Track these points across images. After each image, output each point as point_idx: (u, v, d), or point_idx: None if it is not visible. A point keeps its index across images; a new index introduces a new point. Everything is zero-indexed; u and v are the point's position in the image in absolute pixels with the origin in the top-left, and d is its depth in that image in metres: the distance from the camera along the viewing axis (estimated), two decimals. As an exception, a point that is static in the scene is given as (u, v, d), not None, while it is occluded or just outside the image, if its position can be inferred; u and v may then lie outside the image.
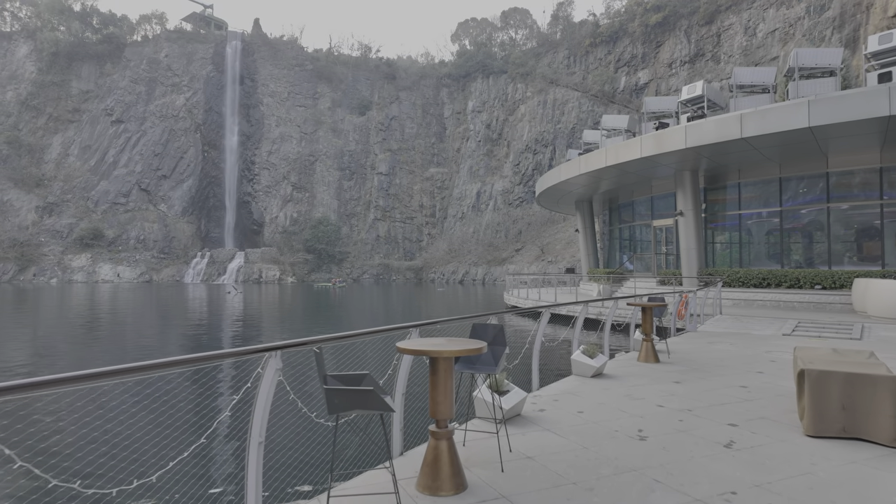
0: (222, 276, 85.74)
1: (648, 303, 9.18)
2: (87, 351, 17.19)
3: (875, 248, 18.47)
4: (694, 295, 13.66)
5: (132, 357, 15.20)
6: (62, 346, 18.02)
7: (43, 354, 16.20)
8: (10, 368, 13.72)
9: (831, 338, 12.34)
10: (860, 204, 18.90)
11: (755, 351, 10.24)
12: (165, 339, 20.38)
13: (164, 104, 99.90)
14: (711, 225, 23.26)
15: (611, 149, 22.06)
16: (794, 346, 8.33)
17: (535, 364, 6.73)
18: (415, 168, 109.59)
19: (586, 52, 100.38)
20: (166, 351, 17.37)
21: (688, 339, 11.94)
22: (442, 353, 3.53)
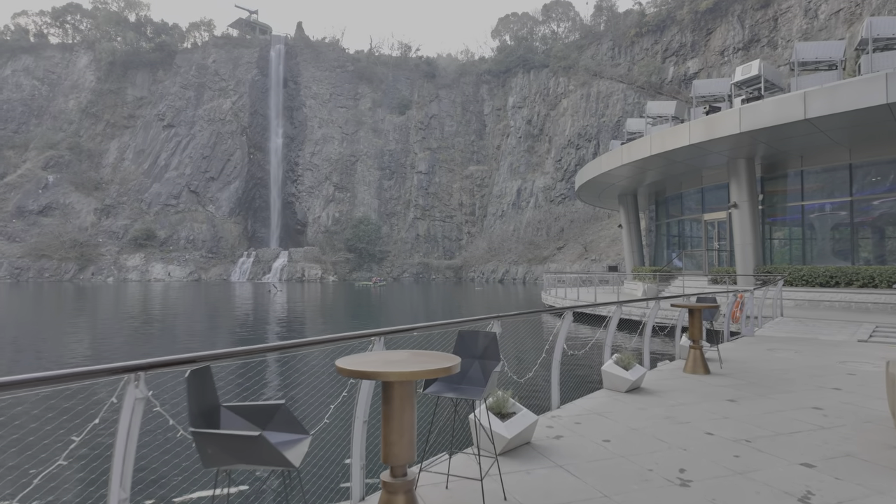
0: (267, 274, 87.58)
1: (697, 304, 7.88)
2: (148, 343, 17.18)
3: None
4: (751, 294, 12.10)
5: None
6: (121, 340, 18.13)
7: (103, 347, 16.25)
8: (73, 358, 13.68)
9: (919, 345, 10.58)
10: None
11: (827, 360, 8.72)
12: (238, 333, 20.27)
13: (211, 108, 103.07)
14: (770, 219, 21.22)
15: (656, 136, 20.41)
16: (883, 358, 6.87)
17: (554, 377, 5.64)
18: (454, 166, 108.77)
19: (631, 42, 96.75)
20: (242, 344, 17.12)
21: (744, 346, 10.46)
22: (393, 376, 2.54)
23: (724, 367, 8.05)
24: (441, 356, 2.89)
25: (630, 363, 6.56)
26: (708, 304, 7.95)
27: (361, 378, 2.63)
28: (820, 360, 8.80)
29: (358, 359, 2.81)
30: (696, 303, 8.00)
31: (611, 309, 7.60)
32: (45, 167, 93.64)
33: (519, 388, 7.02)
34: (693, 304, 7.90)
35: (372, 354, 3.02)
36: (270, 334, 20.58)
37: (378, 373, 2.53)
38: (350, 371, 2.57)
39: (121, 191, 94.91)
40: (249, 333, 20.62)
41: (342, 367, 2.62)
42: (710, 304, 7.81)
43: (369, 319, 26.49)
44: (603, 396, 6.20)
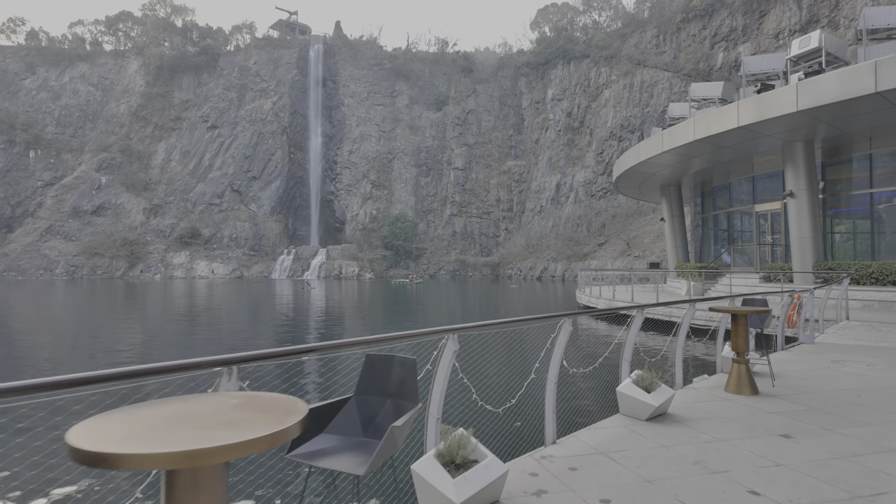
0: (306, 272, 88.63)
1: (742, 308, 6.43)
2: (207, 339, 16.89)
3: None
4: (811, 295, 10.38)
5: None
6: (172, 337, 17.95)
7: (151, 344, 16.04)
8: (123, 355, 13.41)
9: None
10: None
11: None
12: (280, 330, 19.90)
13: (253, 109, 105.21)
14: (831, 210, 18.97)
15: (700, 119, 18.54)
16: None
17: (548, 407, 4.39)
18: (491, 162, 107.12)
19: (677, 28, 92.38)
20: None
21: (801, 356, 8.83)
22: (134, 461, 1.40)
23: (778, 386, 6.56)
24: (279, 407, 1.72)
25: (653, 383, 5.24)
26: (757, 308, 6.48)
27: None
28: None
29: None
30: (742, 306, 6.54)
31: (632, 311, 6.24)
32: (99, 169, 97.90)
33: (510, 417, 6.07)
34: (738, 307, 6.45)
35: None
36: (311, 331, 19.97)
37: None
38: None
39: (168, 191, 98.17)
40: (289, 331, 20.07)
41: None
42: (759, 309, 6.32)
43: (399, 317, 25.63)
44: (616, 425, 4.91)
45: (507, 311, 29.62)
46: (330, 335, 18.71)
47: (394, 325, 21.99)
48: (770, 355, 8.57)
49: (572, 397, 8.87)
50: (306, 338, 18.37)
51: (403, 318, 25.62)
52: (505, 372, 9.48)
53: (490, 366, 11.33)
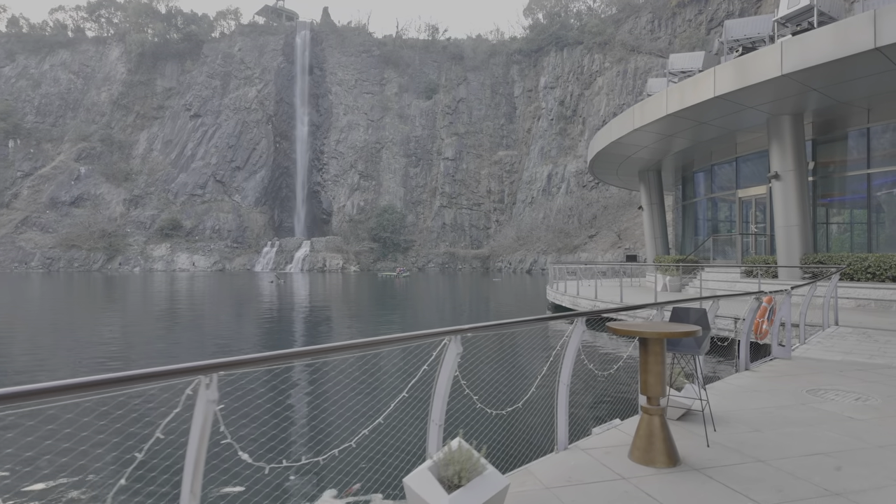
0: (289, 264, 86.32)
1: (652, 327, 4.10)
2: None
3: None
4: (787, 295, 8.06)
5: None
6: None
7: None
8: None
9: None
10: None
11: (919, 424, 4.77)
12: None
13: (237, 97, 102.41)
14: (823, 198, 16.62)
15: (673, 91, 16.14)
16: None
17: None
18: (482, 152, 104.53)
19: (673, 13, 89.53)
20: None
21: (767, 382, 6.52)
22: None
23: (717, 444, 4.25)
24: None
25: (470, 469, 2.91)
26: (683, 326, 4.13)
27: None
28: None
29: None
30: (656, 323, 4.20)
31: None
32: (78, 159, 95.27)
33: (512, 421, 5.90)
34: (646, 326, 4.12)
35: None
36: (231, 342, 17.67)
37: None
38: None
39: (149, 181, 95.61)
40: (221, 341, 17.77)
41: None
42: (681, 331, 3.95)
43: (368, 317, 23.33)
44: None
45: (475, 308, 27.36)
46: (237, 346, 16.45)
47: (355, 329, 19.72)
48: (717, 384, 6.25)
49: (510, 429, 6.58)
50: (228, 350, 16.09)
51: (373, 318, 23.31)
52: (499, 372, 8.18)
53: (485, 366, 9.37)
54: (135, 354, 13.67)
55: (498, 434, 6.24)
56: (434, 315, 23.63)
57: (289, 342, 15.57)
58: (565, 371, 4.28)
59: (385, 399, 7.90)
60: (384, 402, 2.70)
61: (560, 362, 4.27)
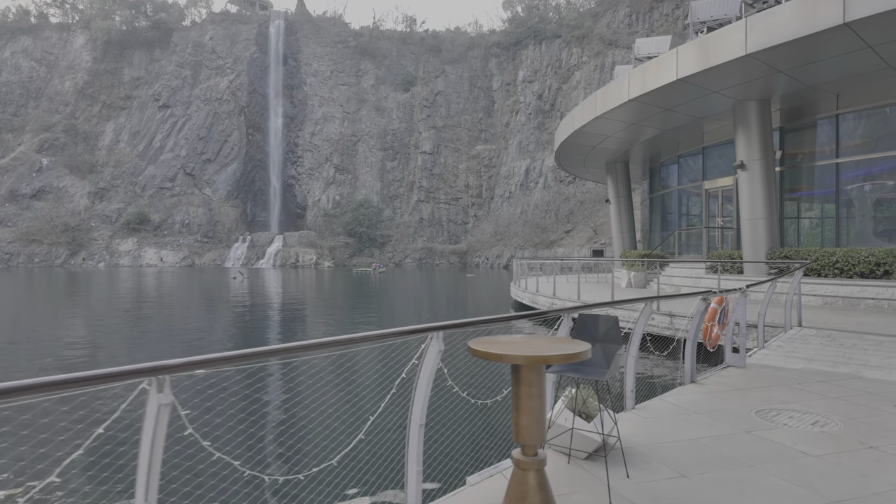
0: (261, 259, 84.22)
1: (521, 348, 2.92)
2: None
3: None
4: (742, 295, 7.05)
5: None
6: None
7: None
8: None
9: None
10: None
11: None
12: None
13: (208, 87, 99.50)
14: (792, 194, 15.79)
15: (635, 74, 15.13)
16: None
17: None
18: (460, 146, 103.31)
19: (650, 7, 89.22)
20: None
21: (710, 399, 5.47)
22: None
23: (621, 501, 3.14)
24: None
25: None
26: (561, 350, 2.96)
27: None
28: (885, 452, 3.79)
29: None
30: (536, 340, 3.03)
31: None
32: (40, 150, 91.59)
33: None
34: (519, 345, 2.95)
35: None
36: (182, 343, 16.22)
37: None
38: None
39: (115, 174, 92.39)
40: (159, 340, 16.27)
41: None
42: (562, 354, 2.77)
43: (328, 315, 21.99)
44: None
45: (439, 305, 26.23)
46: (200, 345, 15.08)
47: (318, 329, 18.41)
48: (651, 403, 5.15)
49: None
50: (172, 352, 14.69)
51: (336, 316, 21.98)
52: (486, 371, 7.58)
53: (468, 364, 8.23)
54: (82, 355, 12.26)
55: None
56: (399, 311, 22.43)
57: (243, 344, 14.27)
58: (417, 406, 3.14)
59: (362, 401, 7.64)
60: (361, 403, 3.38)
61: (414, 385, 3.20)
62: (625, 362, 5.18)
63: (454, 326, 3.21)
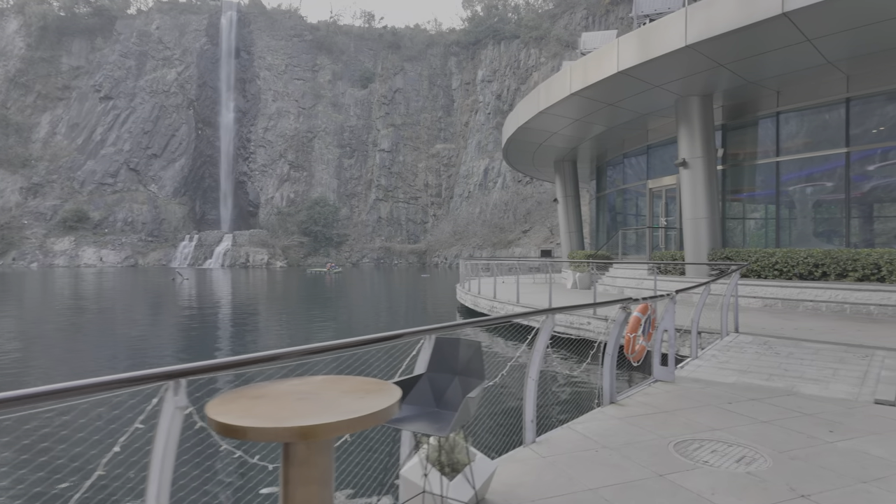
0: (209, 259, 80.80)
1: (277, 412, 1.91)
2: None
3: None
4: (671, 301, 6.30)
5: None
6: None
7: None
8: None
9: None
10: None
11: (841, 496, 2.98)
12: None
13: (154, 79, 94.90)
14: (734, 193, 15.48)
15: (576, 66, 14.49)
16: None
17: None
18: (420, 144, 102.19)
19: (606, 11, 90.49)
20: None
21: (630, 426, 4.64)
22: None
23: None
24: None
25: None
26: (341, 417, 2.01)
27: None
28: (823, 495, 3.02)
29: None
30: (320, 392, 2.05)
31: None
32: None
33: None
34: (275, 406, 1.94)
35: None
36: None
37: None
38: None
39: (51, 168, 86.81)
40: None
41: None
42: (342, 420, 1.80)
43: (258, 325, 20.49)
44: None
45: (383, 306, 25.11)
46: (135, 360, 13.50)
47: (252, 340, 16.99)
48: (555, 434, 4.23)
49: None
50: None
51: (270, 323, 20.53)
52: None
53: None
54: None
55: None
56: (338, 318, 21.19)
57: (159, 357, 12.81)
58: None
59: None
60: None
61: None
62: (525, 386, 4.29)
63: (447, 328, 3.21)
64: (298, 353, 2.52)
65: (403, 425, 2.45)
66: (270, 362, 2.47)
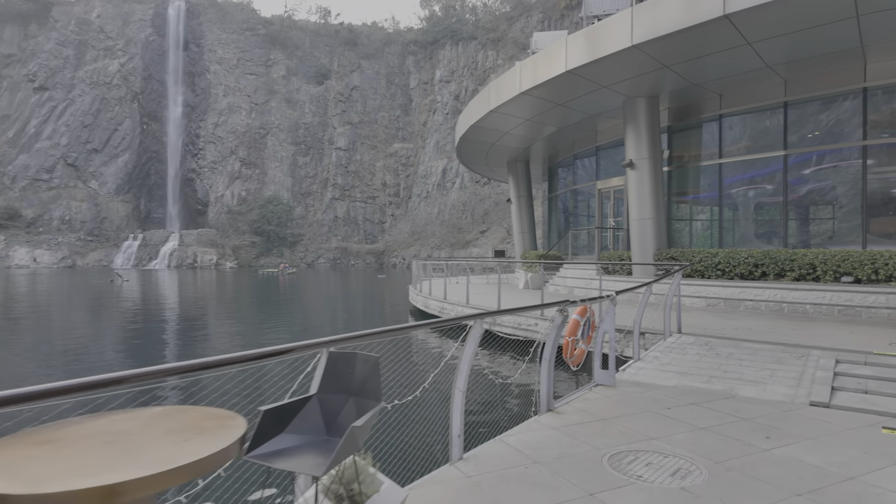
0: (154, 260, 77.21)
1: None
2: None
3: (947, 212, 11.09)
4: (611, 302, 6.10)
5: None
6: None
7: None
8: None
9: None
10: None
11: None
12: None
13: (95, 70, 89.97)
14: (679, 195, 15.70)
15: (526, 64, 14.34)
16: None
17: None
18: (377, 143, 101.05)
19: (562, 15, 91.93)
20: None
21: (564, 438, 4.36)
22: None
23: None
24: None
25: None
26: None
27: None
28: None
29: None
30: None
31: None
32: None
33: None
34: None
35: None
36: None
37: None
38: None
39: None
40: None
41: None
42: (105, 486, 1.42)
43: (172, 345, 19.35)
44: None
45: (357, 308, 24.40)
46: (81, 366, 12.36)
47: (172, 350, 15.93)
48: (486, 448, 3.89)
49: None
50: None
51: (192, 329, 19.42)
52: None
53: None
54: None
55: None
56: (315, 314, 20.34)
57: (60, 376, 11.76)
58: None
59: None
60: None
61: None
62: (452, 398, 3.94)
63: (345, 340, 2.85)
64: (147, 376, 2.03)
65: (275, 461, 2.02)
66: (111, 387, 1.97)
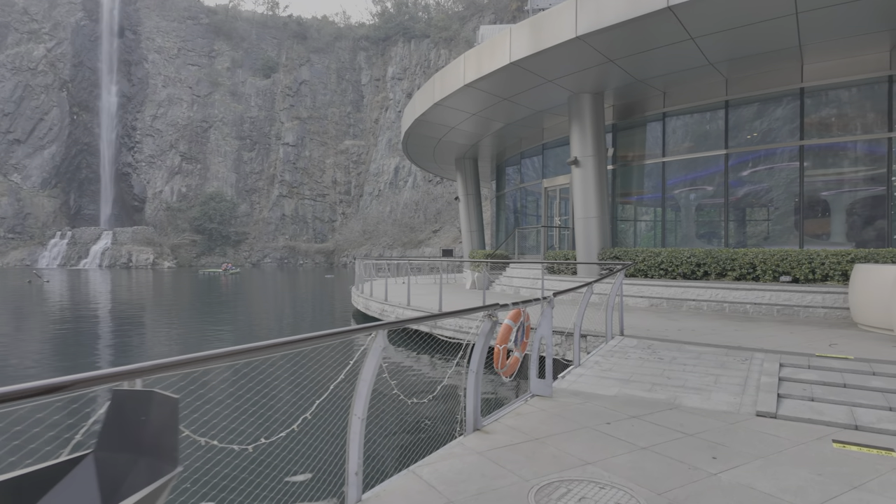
0: (84, 259, 72.28)
1: None
2: None
3: (879, 213, 11.28)
4: (548, 305, 5.54)
5: None
6: None
7: None
8: None
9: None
10: (856, 140, 11.61)
11: None
12: None
13: (17, 54, 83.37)
14: (623, 194, 15.56)
15: (470, 55, 13.77)
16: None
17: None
18: (328, 139, 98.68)
19: (513, 16, 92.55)
20: None
21: (488, 465, 3.72)
22: None
23: None
24: None
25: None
26: None
27: None
28: None
29: None
30: None
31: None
32: None
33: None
34: None
35: None
36: None
37: None
38: None
39: None
40: None
41: None
42: None
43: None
44: None
45: (300, 312, 23.12)
46: None
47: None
48: (395, 483, 3.27)
49: None
50: None
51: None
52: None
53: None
54: None
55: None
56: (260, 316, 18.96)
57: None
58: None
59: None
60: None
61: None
62: (349, 426, 3.22)
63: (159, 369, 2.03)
64: None
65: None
66: None
